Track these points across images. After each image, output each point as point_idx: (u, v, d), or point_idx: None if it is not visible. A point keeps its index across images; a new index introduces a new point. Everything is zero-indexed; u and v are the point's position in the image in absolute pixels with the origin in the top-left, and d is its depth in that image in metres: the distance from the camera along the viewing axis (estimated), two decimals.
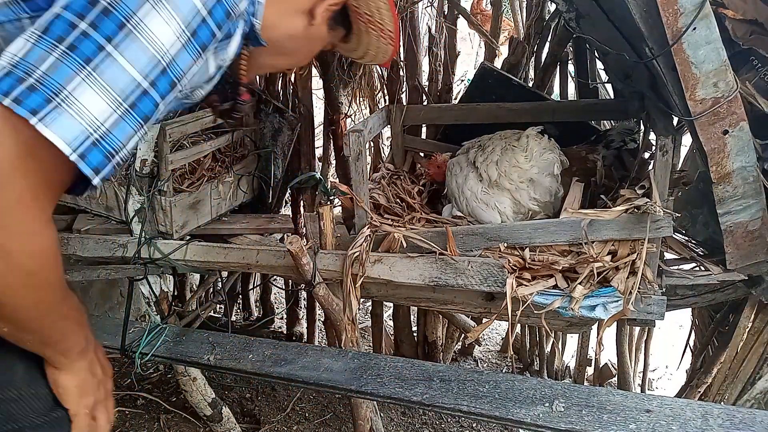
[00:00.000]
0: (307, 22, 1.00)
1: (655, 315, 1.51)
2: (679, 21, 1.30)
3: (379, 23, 1.09)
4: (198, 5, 0.77)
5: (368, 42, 1.15)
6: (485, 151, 1.77)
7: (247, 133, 2.40)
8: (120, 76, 0.72)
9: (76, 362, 0.87)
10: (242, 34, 0.89)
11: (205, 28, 0.79)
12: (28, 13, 0.76)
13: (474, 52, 5.26)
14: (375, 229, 1.68)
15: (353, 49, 1.19)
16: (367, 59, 1.21)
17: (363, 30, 1.12)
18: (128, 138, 0.75)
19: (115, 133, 0.73)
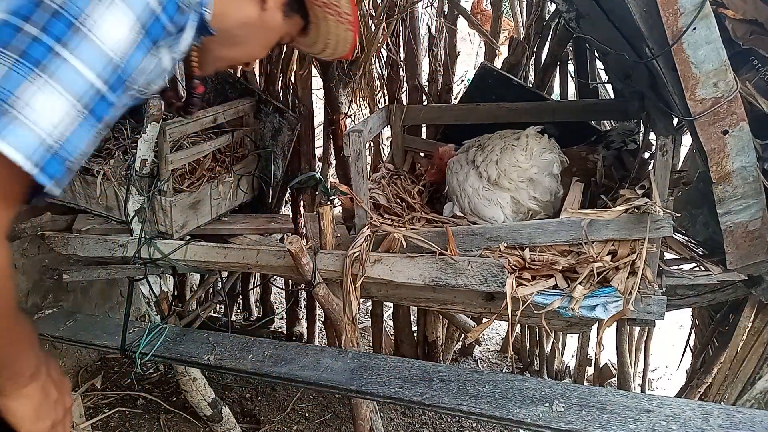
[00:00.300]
0: (259, 8, 0.98)
1: (655, 315, 1.51)
2: (679, 21, 1.30)
3: (335, 5, 1.05)
4: (150, 1, 0.75)
5: (327, 30, 1.10)
6: (485, 150, 1.77)
7: (247, 133, 2.40)
8: (74, 80, 0.70)
9: (27, 386, 0.82)
10: (194, 26, 0.88)
11: (157, 24, 0.78)
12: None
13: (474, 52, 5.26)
14: (375, 229, 1.68)
15: (312, 43, 1.15)
16: (327, 52, 1.16)
17: (320, 17, 1.07)
18: (86, 143, 0.73)
19: (72, 139, 0.71)
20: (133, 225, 1.97)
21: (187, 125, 2.03)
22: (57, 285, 2.46)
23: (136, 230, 1.97)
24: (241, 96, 2.46)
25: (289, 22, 1.05)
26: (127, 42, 0.74)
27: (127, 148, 2.10)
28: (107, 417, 2.48)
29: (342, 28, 1.09)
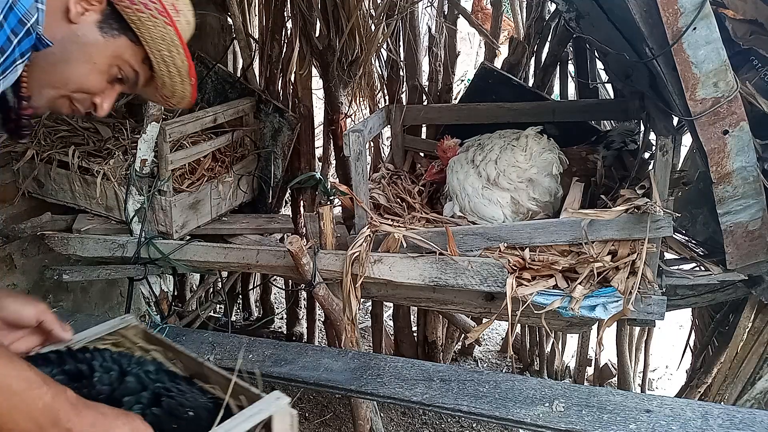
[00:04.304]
0: (66, 19, 0.94)
1: (655, 315, 1.51)
2: (679, 21, 1.30)
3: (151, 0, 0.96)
4: None
5: (151, 37, 0.99)
6: (484, 150, 1.77)
7: (247, 133, 2.40)
8: None
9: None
10: None
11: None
12: None
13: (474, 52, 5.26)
14: (375, 229, 1.68)
15: (159, 83, 1.05)
16: (171, 95, 1.07)
17: (137, 23, 0.98)
18: None
19: None
20: (133, 225, 1.97)
21: (187, 125, 2.03)
22: (57, 285, 2.45)
23: (136, 230, 1.97)
24: (241, 96, 2.46)
25: (117, 42, 0.99)
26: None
27: (127, 148, 2.11)
28: None
29: (159, 24, 0.99)
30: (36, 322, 1.04)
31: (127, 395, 0.89)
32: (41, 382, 0.77)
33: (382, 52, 2.55)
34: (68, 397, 0.78)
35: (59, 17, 0.94)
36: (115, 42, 0.99)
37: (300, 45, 2.51)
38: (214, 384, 0.99)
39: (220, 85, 2.52)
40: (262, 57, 2.67)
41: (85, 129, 2.22)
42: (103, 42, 0.98)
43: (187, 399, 0.91)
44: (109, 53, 1.00)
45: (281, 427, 0.89)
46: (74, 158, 2.04)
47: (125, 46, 1.00)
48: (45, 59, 0.95)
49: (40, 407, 0.75)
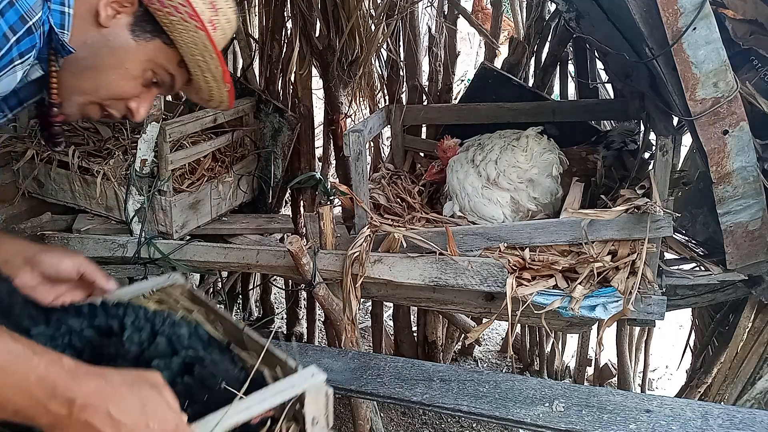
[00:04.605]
0: (96, 25, 0.90)
1: (655, 315, 1.51)
2: (679, 21, 1.30)
3: (170, 3, 0.92)
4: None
5: (185, 42, 0.96)
6: (484, 150, 1.77)
7: (247, 133, 2.40)
8: None
9: None
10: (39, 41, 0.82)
11: None
12: None
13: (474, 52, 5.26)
14: (375, 229, 1.68)
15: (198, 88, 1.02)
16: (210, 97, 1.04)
17: (169, 26, 0.94)
18: None
19: None
20: (133, 225, 1.97)
21: (187, 125, 2.03)
22: None
23: (136, 230, 1.97)
24: (241, 96, 2.46)
25: (150, 46, 0.95)
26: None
27: (127, 148, 2.11)
28: None
29: (191, 28, 0.94)
30: (77, 274, 1.03)
31: (156, 357, 0.86)
32: (30, 354, 0.70)
33: (382, 52, 2.55)
34: (64, 365, 0.72)
35: (88, 21, 0.90)
36: (147, 46, 0.95)
37: (300, 45, 2.51)
38: (251, 352, 0.96)
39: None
40: (262, 57, 2.67)
41: (85, 129, 2.22)
42: (135, 46, 0.94)
43: (220, 369, 0.88)
44: (142, 57, 0.96)
45: (315, 405, 0.86)
46: (74, 158, 2.04)
47: (159, 49, 0.96)
48: (74, 65, 0.92)
49: (33, 380, 0.69)
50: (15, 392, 0.69)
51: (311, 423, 0.87)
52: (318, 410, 0.87)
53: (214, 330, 1.00)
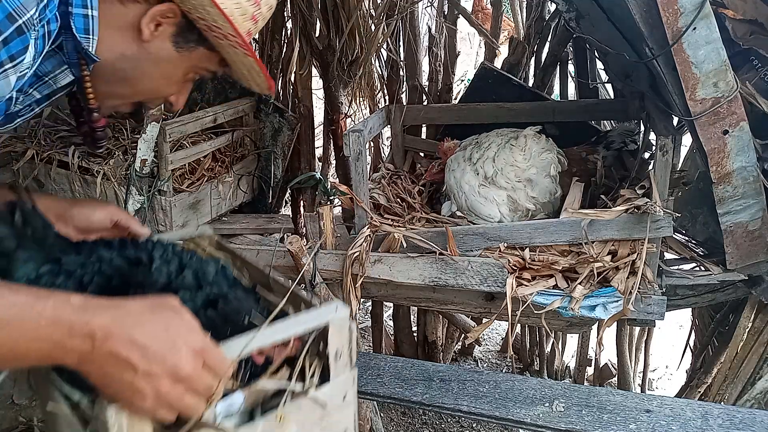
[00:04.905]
0: (137, 40, 0.88)
1: (655, 315, 1.51)
2: (679, 21, 1.30)
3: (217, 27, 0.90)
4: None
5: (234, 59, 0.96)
6: (481, 148, 1.77)
7: (247, 133, 2.40)
8: None
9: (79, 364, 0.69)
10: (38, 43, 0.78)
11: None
12: None
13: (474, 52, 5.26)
14: (375, 229, 1.68)
15: (241, 76, 1.02)
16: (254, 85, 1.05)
17: (216, 43, 0.93)
18: None
19: None
20: None
21: (187, 125, 2.03)
22: None
23: None
24: (241, 96, 2.46)
25: (193, 55, 0.94)
26: None
27: (127, 148, 2.11)
28: None
29: (240, 54, 0.94)
30: (110, 223, 1.03)
31: (182, 289, 0.87)
32: (34, 301, 0.68)
33: (382, 52, 2.55)
34: (73, 302, 0.69)
35: (129, 36, 0.88)
36: (191, 55, 0.94)
37: (300, 45, 2.51)
38: (277, 294, 0.97)
39: (220, 85, 2.52)
40: (262, 57, 2.67)
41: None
42: (179, 57, 0.93)
43: (244, 306, 0.89)
44: (185, 65, 0.95)
45: (338, 338, 0.86)
46: (74, 158, 2.04)
47: (202, 56, 0.95)
48: (112, 74, 0.91)
49: (44, 325, 0.67)
50: (30, 341, 0.67)
51: (334, 357, 0.87)
52: (341, 344, 0.87)
53: (240, 275, 1.03)
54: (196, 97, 2.57)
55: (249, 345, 0.76)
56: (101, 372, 0.68)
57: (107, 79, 0.91)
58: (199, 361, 0.71)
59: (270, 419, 0.80)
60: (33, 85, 0.89)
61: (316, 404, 0.86)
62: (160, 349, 0.69)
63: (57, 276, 0.84)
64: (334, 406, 0.88)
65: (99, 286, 0.86)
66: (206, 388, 0.73)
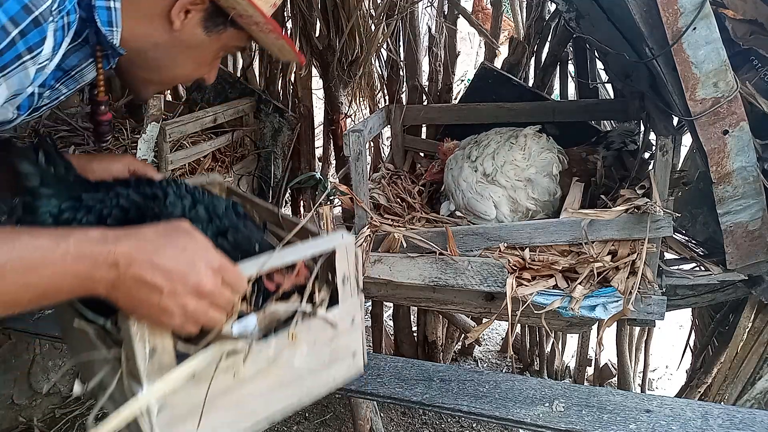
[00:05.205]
0: (168, 29, 0.91)
1: (655, 315, 1.51)
2: (679, 21, 1.30)
3: (249, 16, 0.94)
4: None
5: (264, 41, 1.01)
6: (480, 145, 1.77)
7: (247, 133, 2.40)
8: None
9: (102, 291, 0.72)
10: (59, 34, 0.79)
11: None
12: None
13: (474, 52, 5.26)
14: (375, 229, 1.68)
15: (268, 50, 1.06)
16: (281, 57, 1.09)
17: (246, 27, 0.97)
18: None
19: None
20: None
21: (187, 125, 2.03)
22: None
23: None
24: (241, 96, 2.46)
25: (222, 36, 0.96)
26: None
27: (127, 148, 2.11)
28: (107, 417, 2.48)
29: (272, 38, 0.98)
30: (129, 173, 1.06)
31: (195, 222, 0.90)
32: (56, 241, 0.70)
33: (382, 52, 2.55)
34: (92, 236, 0.72)
35: (159, 25, 0.91)
36: (220, 36, 0.97)
37: (300, 45, 2.51)
38: (286, 231, 1.02)
39: (220, 85, 2.52)
40: (262, 57, 2.67)
41: (85, 129, 2.22)
42: (209, 40, 0.96)
43: (255, 237, 0.93)
44: (215, 47, 0.98)
45: (345, 262, 0.91)
46: None
47: (232, 36, 0.98)
48: (147, 63, 0.94)
49: (70, 262, 0.69)
50: (60, 279, 0.70)
51: (342, 281, 0.92)
52: (348, 269, 0.92)
53: (251, 215, 1.08)
54: (196, 97, 2.57)
55: (265, 264, 0.81)
56: (129, 297, 0.72)
57: (142, 67, 0.95)
58: (218, 278, 0.75)
59: (282, 338, 0.85)
60: (60, 80, 0.91)
61: (326, 324, 0.91)
62: (181, 269, 0.73)
63: (78, 211, 0.90)
64: (342, 329, 0.94)
65: (117, 219, 0.91)
66: (227, 303, 0.77)
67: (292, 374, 0.89)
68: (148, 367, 0.75)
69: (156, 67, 0.96)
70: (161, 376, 0.76)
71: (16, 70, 0.75)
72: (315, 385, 0.94)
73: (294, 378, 0.90)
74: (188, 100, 2.59)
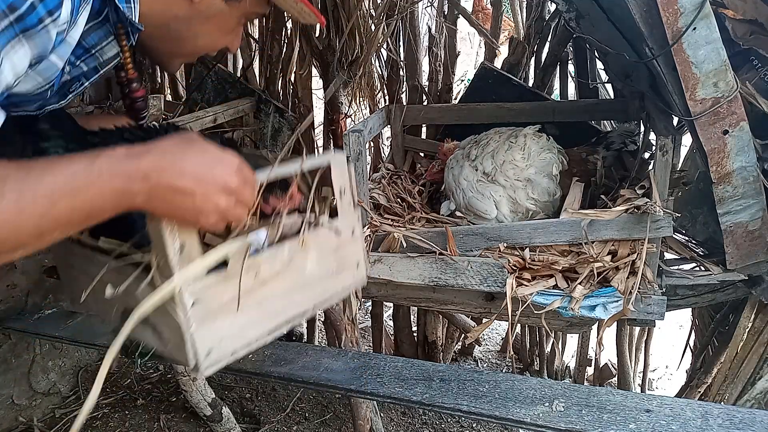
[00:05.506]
0: (188, 2, 0.93)
1: (655, 315, 1.51)
2: (679, 21, 1.30)
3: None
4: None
5: (285, 4, 1.03)
6: (480, 145, 1.77)
7: (247, 133, 2.40)
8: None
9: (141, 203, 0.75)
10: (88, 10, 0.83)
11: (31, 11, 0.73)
12: None
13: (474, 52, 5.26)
14: (375, 229, 1.68)
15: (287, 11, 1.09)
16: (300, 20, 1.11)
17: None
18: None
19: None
20: None
21: (187, 125, 2.03)
22: (57, 285, 2.46)
23: None
24: (241, 96, 2.46)
25: (242, 3, 0.98)
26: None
27: None
28: (107, 417, 2.49)
29: (291, 1, 1.01)
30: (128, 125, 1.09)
31: None
32: (89, 163, 0.72)
33: (382, 52, 2.55)
34: (119, 154, 0.74)
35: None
36: (240, 4, 0.98)
37: (300, 45, 2.51)
38: None
39: (220, 85, 2.52)
40: (262, 57, 2.67)
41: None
42: (229, 9, 0.98)
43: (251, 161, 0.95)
44: (236, 15, 1.00)
45: (340, 176, 1.00)
46: None
47: (252, 2, 1.00)
48: (169, 35, 0.97)
49: (107, 179, 0.72)
50: (103, 198, 0.73)
51: (339, 194, 1.00)
52: (344, 182, 1.01)
53: None
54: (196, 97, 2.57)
55: (270, 174, 0.88)
56: (166, 205, 0.76)
57: (165, 41, 0.98)
58: (240, 176, 0.81)
59: (294, 243, 0.94)
60: (80, 57, 0.94)
61: (331, 233, 1.00)
62: (207, 171, 0.77)
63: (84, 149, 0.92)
64: (345, 240, 1.03)
65: None
66: (249, 199, 0.83)
67: (305, 279, 0.97)
68: (178, 262, 0.80)
69: (178, 39, 0.98)
70: None
71: (39, 33, 0.77)
72: (326, 291, 1.02)
73: (307, 283, 0.98)
74: (188, 100, 2.59)
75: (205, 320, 0.85)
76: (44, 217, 0.69)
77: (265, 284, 0.91)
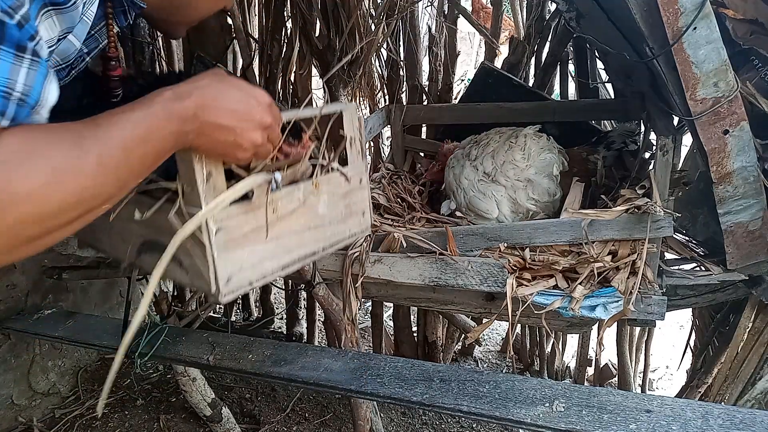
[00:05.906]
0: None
1: (655, 315, 1.51)
2: (679, 21, 1.30)
3: None
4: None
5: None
6: (480, 145, 1.77)
7: None
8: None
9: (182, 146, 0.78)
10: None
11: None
12: None
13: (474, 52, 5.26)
14: (375, 229, 1.68)
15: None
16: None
17: None
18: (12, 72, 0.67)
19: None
20: None
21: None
22: (57, 285, 2.46)
23: None
24: None
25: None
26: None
27: None
28: (107, 417, 2.48)
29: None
30: None
31: None
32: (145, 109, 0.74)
33: (382, 52, 2.55)
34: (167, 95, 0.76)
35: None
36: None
37: (300, 45, 2.51)
38: None
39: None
40: (262, 57, 2.67)
41: None
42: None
43: None
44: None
45: (351, 125, 1.05)
46: None
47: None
48: (171, 6, 1.01)
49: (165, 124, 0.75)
50: (165, 141, 0.76)
51: (349, 143, 1.06)
52: (354, 131, 1.06)
53: None
54: None
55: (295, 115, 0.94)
56: (210, 140, 0.80)
57: (168, 11, 1.02)
58: (272, 113, 0.85)
59: (308, 185, 0.99)
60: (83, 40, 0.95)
61: (341, 178, 1.05)
62: (245, 108, 0.82)
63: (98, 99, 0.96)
64: (354, 187, 1.09)
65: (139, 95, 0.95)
66: (277, 137, 0.88)
67: (317, 220, 1.03)
68: (206, 189, 0.84)
69: (178, 7, 1.02)
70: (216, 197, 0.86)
71: (69, 9, 0.79)
72: (335, 235, 1.08)
73: (318, 224, 1.04)
74: None
75: (226, 248, 0.88)
76: (121, 169, 0.72)
77: (282, 220, 0.96)
